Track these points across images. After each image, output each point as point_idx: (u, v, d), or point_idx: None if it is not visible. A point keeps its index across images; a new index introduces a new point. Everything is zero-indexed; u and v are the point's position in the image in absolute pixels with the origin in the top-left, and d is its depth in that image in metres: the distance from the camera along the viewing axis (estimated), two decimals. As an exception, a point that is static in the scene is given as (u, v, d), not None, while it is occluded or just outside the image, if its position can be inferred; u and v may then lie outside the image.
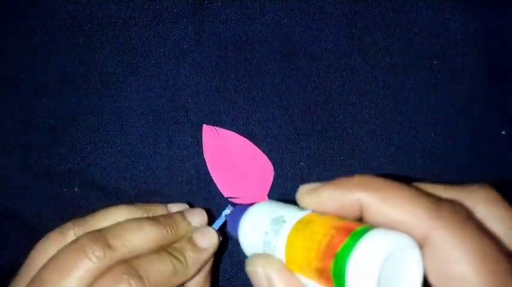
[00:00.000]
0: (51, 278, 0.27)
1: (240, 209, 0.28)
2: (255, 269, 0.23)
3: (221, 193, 0.39)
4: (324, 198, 0.23)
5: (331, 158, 0.39)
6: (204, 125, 0.39)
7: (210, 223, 0.34)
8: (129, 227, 0.30)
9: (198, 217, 0.33)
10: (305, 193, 0.24)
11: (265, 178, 0.39)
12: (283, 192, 0.39)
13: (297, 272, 0.22)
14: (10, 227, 0.39)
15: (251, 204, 0.28)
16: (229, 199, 0.39)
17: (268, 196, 0.39)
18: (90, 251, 0.27)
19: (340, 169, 0.39)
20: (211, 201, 0.39)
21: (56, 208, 0.39)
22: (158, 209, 0.33)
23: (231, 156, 0.39)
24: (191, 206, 0.35)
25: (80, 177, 0.39)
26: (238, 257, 0.39)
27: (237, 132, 0.39)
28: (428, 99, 0.40)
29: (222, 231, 0.34)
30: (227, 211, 0.34)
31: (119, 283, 0.27)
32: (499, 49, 0.40)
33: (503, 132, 0.40)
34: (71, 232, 0.30)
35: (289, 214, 0.24)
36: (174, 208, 0.34)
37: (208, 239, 0.32)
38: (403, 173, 0.39)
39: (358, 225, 0.21)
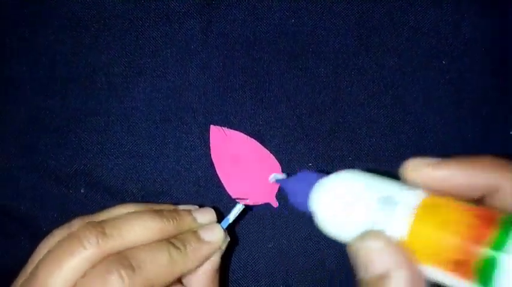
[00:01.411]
0: (46, 267, 0.27)
1: (308, 176, 0.26)
2: (372, 245, 0.20)
3: (229, 194, 0.39)
4: (448, 176, 0.21)
5: (340, 159, 0.39)
6: (212, 126, 0.39)
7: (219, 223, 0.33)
8: (128, 218, 0.29)
9: (205, 214, 0.33)
10: (422, 167, 0.21)
11: (273, 179, 0.39)
12: (291, 193, 0.39)
13: (421, 260, 0.21)
14: (16, 228, 0.39)
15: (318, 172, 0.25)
16: (237, 200, 0.38)
17: (276, 197, 0.39)
18: (85, 239, 0.27)
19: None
20: (218, 202, 0.38)
21: (62, 210, 0.39)
22: (166, 208, 0.33)
23: (238, 157, 0.39)
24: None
25: (86, 178, 0.39)
26: (245, 259, 0.38)
27: (245, 133, 0.39)
28: (437, 99, 0.39)
29: (229, 231, 0.34)
30: (278, 177, 0.32)
31: (110, 274, 0.26)
32: (508, 48, 0.40)
33: (513, 132, 0.39)
34: (77, 227, 0.29)
35: (400, 194, 0.22)
36: (183, 208, 0.34)
37: (214, 233, 0.32)
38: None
39: (499, 213, 0.19)
